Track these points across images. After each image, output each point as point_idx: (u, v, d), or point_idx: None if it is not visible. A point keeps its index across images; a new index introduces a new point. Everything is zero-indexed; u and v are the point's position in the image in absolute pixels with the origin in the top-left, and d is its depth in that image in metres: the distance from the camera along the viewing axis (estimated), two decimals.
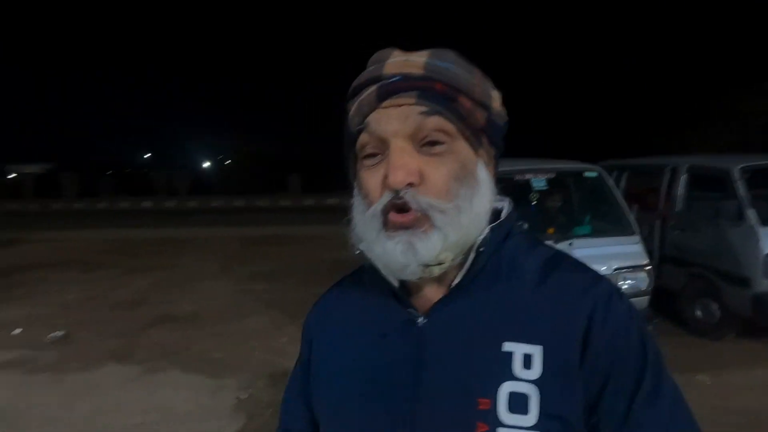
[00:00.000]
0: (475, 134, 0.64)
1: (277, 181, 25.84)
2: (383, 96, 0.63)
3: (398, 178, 0.60)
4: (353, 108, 0.66)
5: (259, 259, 8.89)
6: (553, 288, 0.65)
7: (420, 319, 0.66)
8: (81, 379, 4.05)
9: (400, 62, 0.64)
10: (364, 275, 0.74)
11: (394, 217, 0.62)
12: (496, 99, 0.68)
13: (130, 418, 3.38)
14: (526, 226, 0.73)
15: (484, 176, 0.65)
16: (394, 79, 0.63)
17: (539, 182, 3.91)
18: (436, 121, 0.61)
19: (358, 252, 0.68)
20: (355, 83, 0.68)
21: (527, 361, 0.60)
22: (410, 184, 0.60)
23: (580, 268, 0.68)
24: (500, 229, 0.67)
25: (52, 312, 5.93)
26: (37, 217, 18.40)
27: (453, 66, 0.64)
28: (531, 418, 0.59)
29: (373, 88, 0.64)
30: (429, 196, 0.61)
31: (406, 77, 0.63)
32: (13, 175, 32.52)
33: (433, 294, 0.67)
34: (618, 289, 0.66)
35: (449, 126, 0.62)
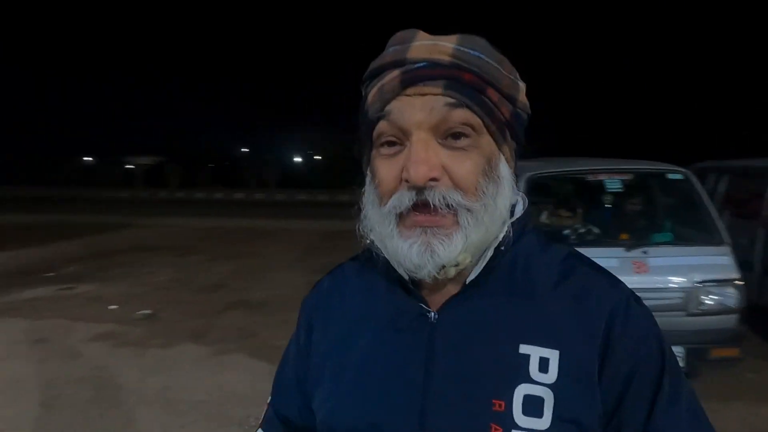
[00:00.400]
0: (500, 128, 0.61)
1: (363, 177, 26.27)
2: (407, 82, 0.58)
3: (420, 173, 0.56)
4: (373, 91, 0.62)
5: (336, 252, 9.10)
6: (569, 290, 0.62)
7: (432, 315, 0.63)
8: (159, 354, 4.37)
9: (427, 46, 0.60)
10: (370, 262, 0.70)
11: (416, 216, 0.59)
12: (522, 91, 0.64)
13: (195, 395, 3.60)
14: (595, 230, 0.68)
15: (506, 172, 0.63)
16: (419, 65, 0.59)
17: (614, 183, 3.62)
18: (462, 114, 0.58)
19: (368, 243, 0.65)
20: (375, 64, 0.63)
21: (543, 364, 0.58)
22: (433, 179, 0.57)
23: (596, 270, 0.66)
24: (516, 225, 0.64)
25: (144, 291, 6.48)
26: (144, 204, 20.28)
27: (483, 55, 0.60)
28: (545, 421, 0.57)
29: (396, 73, 0.60)
30: (458, 192, 0.58)
31: (433, 64, 0.59)
32: (129, 166, 35.96)
33: (445, 289, 0.64)
34: (634, 294, 0.64)
35: (476, 120, 0.59)
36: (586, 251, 0.73)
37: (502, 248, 0.62)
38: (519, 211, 0.67)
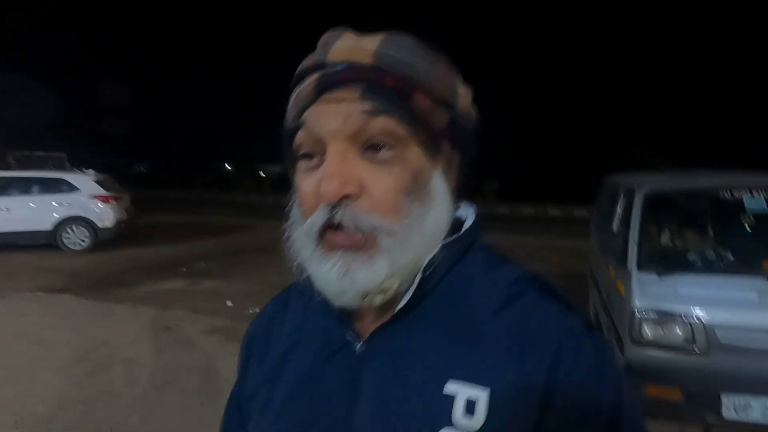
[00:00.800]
0: (432, 138, 0.55)
1: (470, 187, 25.77)
2: (323, 88, 0.54)
3: (332, 189, 0.51)
4: (292, 98, 0.58)
5: None
6: (512, 318, 0.54)
7: (358, 345, 0.58)
8: None
9: (347, 48, 0.55)
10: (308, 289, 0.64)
11: (331, 236, 0.54)
12: (463, 96, 0.58)
13: None
14: (729, 256, 0.57)
15: (440, 188, 0.56)
16: (337, 68, 0.54)
17: (755, 202, 3.08)
18: (382, 123, 0.52)
19: (296, 268, 0.60)
20: (298, 69, 0.59)
21: (470, 407, 0.51)
22: (347, 196, 0.52)
23: (547, 296, 0.57)
24: (456, 245, 0.58)
25: (260, 290, 6.93)
26: (271, 208, 21.88)
27: (409, 55, 0.54)
28: None
29: (313, 78, 0.55)
30: (374, 213, 0.52)
31: (351, 66, 0.54)
32: (261, 173, 39.18)
33: (376, 317, 0.59)
34: (591, 325, 0.57)
35: (399, 129, 0.53)
36: (718, 280, 0.57)
37: (427, 273, 0.55)
38: (466, 226, 0.60)
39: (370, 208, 0.52)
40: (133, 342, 4.73)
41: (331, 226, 0.53)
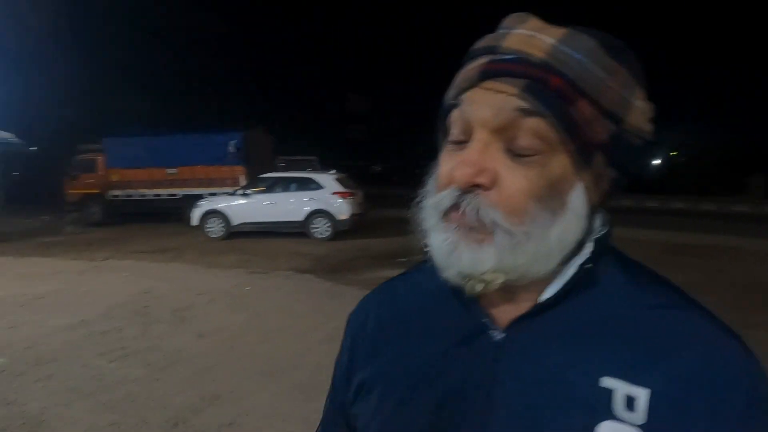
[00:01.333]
0: (585, 149, 0.51)
1: (734, 183, 21.53)
2: (485, 74, 0.53)
3: (464, 175, 0.51)
4: (457, 76, 0.57)
5: (672, 268, 7.86)
6: (663, 322, 0.53)
7: (496, 333, 0.56)
8: None
9: (524, 37, 0.53)
10: (423, 271, 0.64)
11: (454, 213, 0.53)
12: (638, 111, 0.53)
13: None
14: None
15: (578, 202, 0.53)
16: (507, 57, 0.52)
17: None
18: (534, 124, 0.50)
19: (419, 234, 0.60)
20: (472, 47, 0.57)
21: (630, 403, 0.50)
22: (477, 185, 0.51)
23: (707, 315, 0.54)
24: (599, 245, 0.56)
25: None
26: None
27: (585, 58, 0.50)
28: None
29: (482, 61, 0.54)
30: (498, 210, 0.51)
31: (520, 59, 0.52)
32: None
33: (512, 306, 0.57)
34: (749, 350, 0.53)
35: (550, 133, 0.50)
36: None
37: (587, 266, 0.54)
38: (600, 225, 0.58)
39: (496, 204, 0.51)
40: (328, 321, 5.40)
41: (456, 208, 0.53)
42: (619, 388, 0.50)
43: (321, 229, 11.32)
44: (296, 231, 11.41)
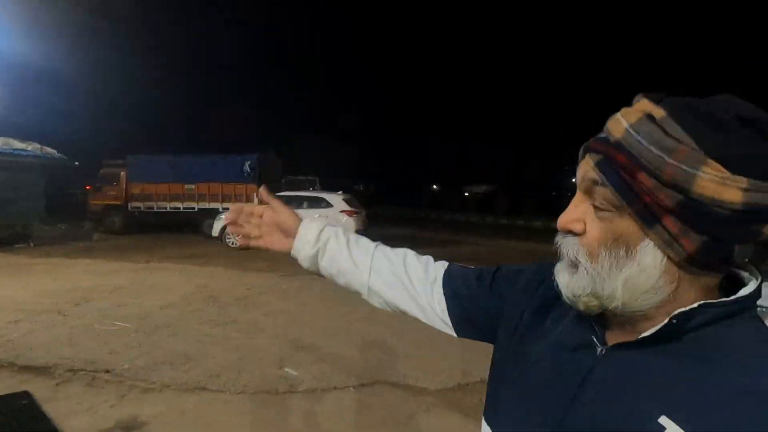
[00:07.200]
0: (649, 213, 0.59)
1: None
2: (586, 149, 0.65)
3: (561, 221, 0.67)
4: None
5: None
6: (752, 392, 0.54)
7: (600, 349, 0.67)
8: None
9: (615, 120, 0.63)
10: None
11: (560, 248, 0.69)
12: (708, 182, 0.55)
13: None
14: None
15: (648, 260, 0.60)
16: (601, 136, 0.64)
17: None
18: (603, 192, 0.62)
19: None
20: None
21: None
22: (570, 231, 0.66)
23: None
24: (722, 307, 0.59)
25: None
26: (475, 226, 23.96)
27: (645, 141, 0.58)
28: None
29: (592, 139, 0.66)
30: (582, 249, 0.65)
31: (604, 138, 0.63)
32: (466, 193, 41.76)
33: (622, 333, 0.66)
34: None
35: (615, 199, 0.61)
36: None
37: (674, 321, 0.59)
38: (741, 294, 0.60)
39: (581, 245, 0.65)
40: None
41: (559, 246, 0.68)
42: (671, 428, 0.56)
43: None
44: None
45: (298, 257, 1.01)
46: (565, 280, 0.67)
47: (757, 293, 0.61)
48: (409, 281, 0.97)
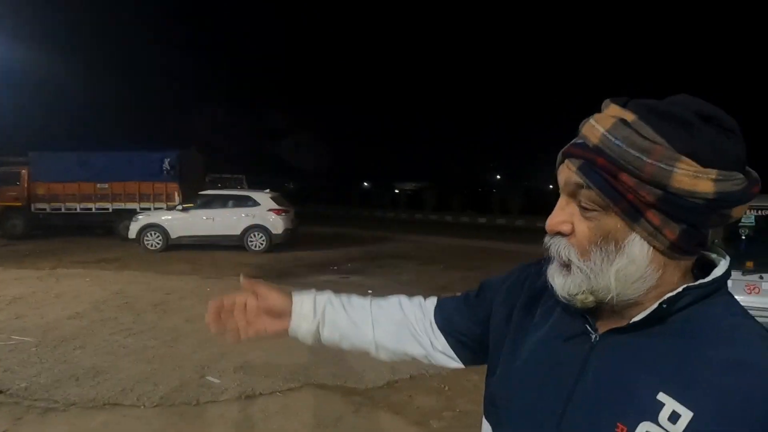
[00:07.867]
0: (633, 209, 0.63)
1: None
2: (564, 155, 0.69)
3: (548, 225, 0.70)
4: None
5: None
6: (732, 360, 0.60)
7: (594, 336, 0.70)
8: None
9: (590, 126, 0.66)
10: None
11: (550, 250, 0.71)
12: (684, 177, 0.59)
13: None
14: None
15: (634, 248, 0.64)
16: (577, 141, 0.67)
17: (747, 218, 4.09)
18: (587, 194, 0.65)
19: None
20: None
21: (673, 417, 0.60)
22: (559, 233, 0.69)
23: None
24: (701, 288, 0.65)
25: (391, 286, 8.77)
26: (404, 223, 24.22)
27: (624, 144, 0.62)
28: None
29: (569, 144, 0.69)
30: (572, 249, 0.68)
31: (582, 144, 0.66)
32: (396, 190, 42.21)
33: (613, 320, 0.69)
34: None
35: (600, 200, 0.64)
36: None
37: (665, 306, 0.64)
38: (713, 276, 0.66)
39: (571, 245, 0.68)
40: None
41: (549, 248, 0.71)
42: (669, 403, 0.61)
43: (256, 242, 12.58)
44: (233, 244, 12.56)
45: (297, 334, 0.99)
46: (560, 281, 0.70)
47: (728, 272, 0.67)
48: (411, 325, 0.99)
